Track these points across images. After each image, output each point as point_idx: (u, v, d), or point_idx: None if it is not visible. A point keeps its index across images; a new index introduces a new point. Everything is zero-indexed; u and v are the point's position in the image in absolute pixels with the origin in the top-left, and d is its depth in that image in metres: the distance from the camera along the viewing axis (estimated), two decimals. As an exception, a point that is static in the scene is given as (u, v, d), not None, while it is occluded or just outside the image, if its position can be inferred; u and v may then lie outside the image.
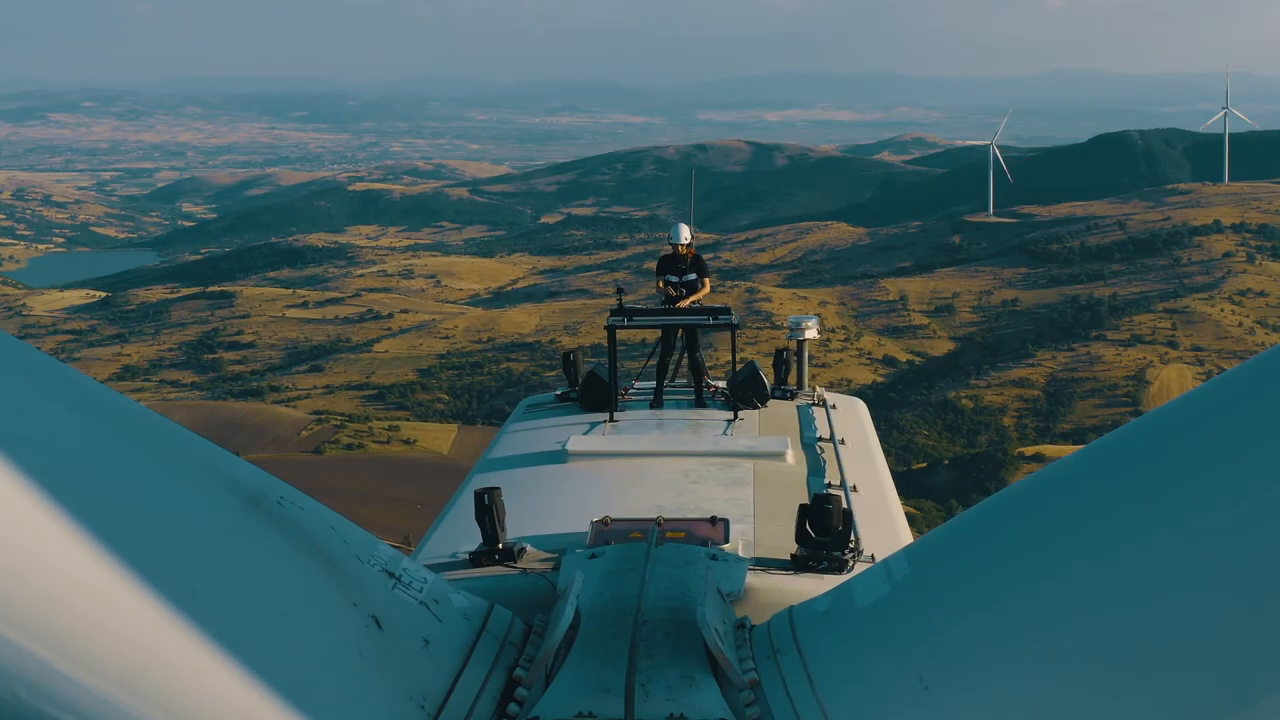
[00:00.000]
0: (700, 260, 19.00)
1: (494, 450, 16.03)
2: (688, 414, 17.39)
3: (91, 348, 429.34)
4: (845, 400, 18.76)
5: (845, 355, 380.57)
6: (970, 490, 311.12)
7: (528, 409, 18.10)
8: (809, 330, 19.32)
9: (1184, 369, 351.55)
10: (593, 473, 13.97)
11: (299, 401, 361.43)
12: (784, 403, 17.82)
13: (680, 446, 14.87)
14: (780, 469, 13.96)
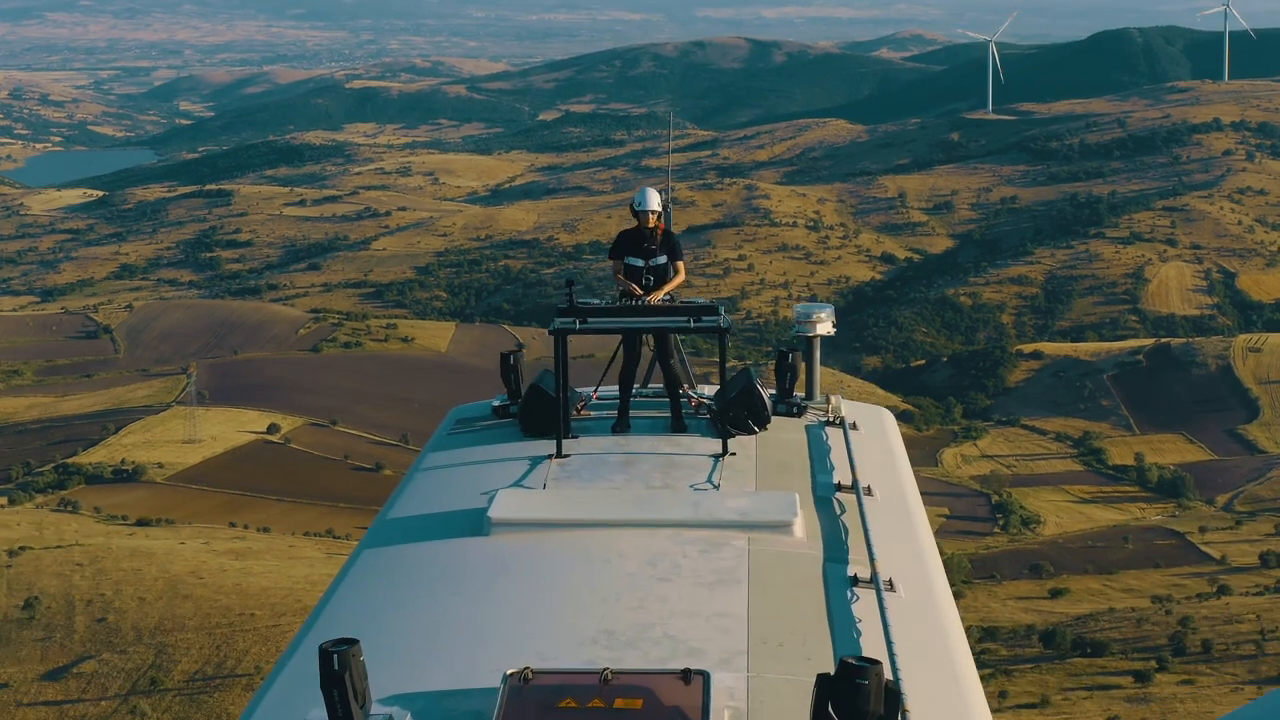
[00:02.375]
0: (672, 238, 15.16)
1: (400, 501, 12.70)
2: (661, 443, 13.58)
3: (89, 246, 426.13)
4: (867, 412, 15.43)
5: (844, 253, 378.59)
6: (969, 387, 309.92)
7: (456, 425, 14.67)
8: (821, 324, 15.70)
9: (1183, 267, 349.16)
10: (521, 556, 10.55)
11: (296, 300, 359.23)
12: (790, 421, 14.51)
13: (647, 512, 11.12)
14: (786, 549, 10.67)
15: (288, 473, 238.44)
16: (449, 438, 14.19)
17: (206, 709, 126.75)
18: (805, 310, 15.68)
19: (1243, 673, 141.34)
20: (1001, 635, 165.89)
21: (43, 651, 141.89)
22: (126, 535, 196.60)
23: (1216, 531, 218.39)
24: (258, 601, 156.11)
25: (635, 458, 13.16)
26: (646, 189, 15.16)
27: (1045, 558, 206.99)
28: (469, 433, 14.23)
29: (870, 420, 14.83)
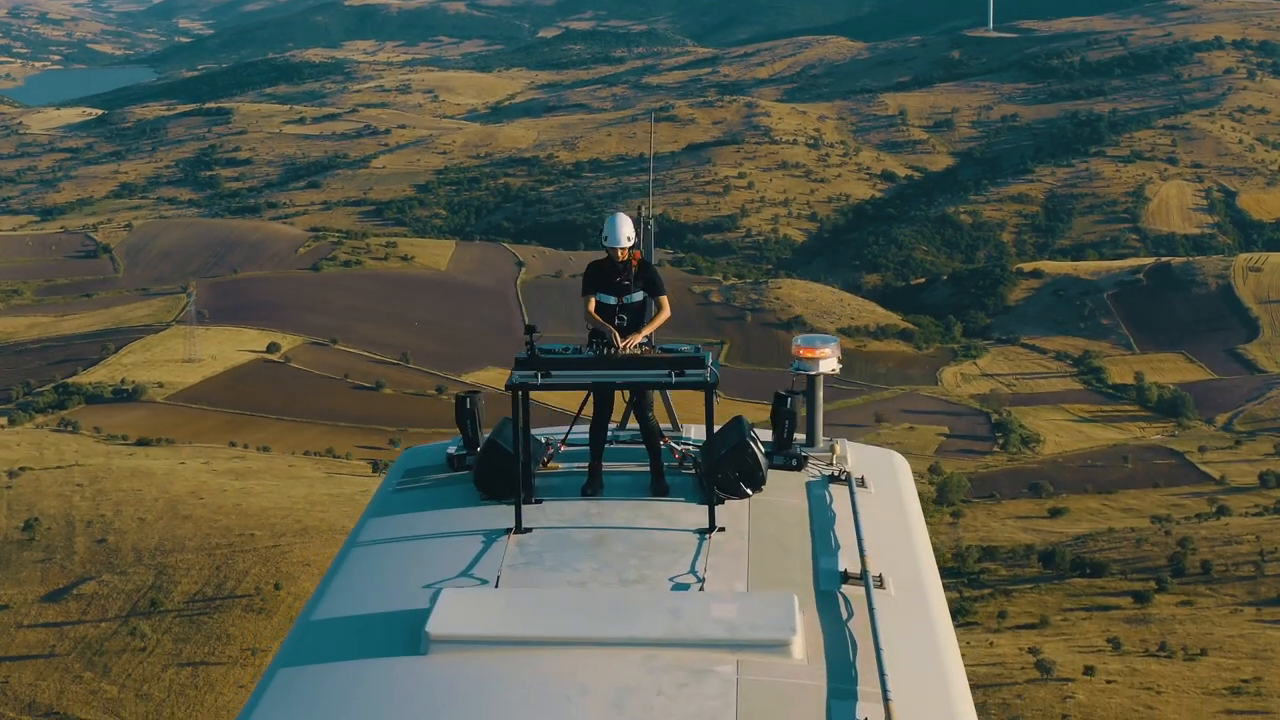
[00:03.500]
0: (650, 270, 13.01)
1: (330, 591, 10.74)
2: (639, 513, 11.52)
3: (88, 165, 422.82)
4: (876, 460, 13.38)
5: (844, 170, 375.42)
6: (969, 306, 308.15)
7: (406, 476, 12.73)
8: (825, 360, 13.32)
9: (1183, 186, 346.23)
10: (463, 686, 8.84)
11: (296, 218, 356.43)
12: (789, 476, 12.40)
13: (617, 626, 9.24)
14: (782, 679, 8.91)
15: (287, 392, 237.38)
16: (396, 495, 12.24)
17: (206, 630, 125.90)
18: (806, 344, 13.36)
19: (1242, 594, 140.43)
20: (1001, 555, 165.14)
21: (43, 573, 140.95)
22: (126, 455, 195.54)
23: (1216, 451, 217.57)
24: (257, 522, 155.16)
25: (607, 535, 11.03)
26: (616, 218, 12.82)
27: (1044, 477, 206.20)
28: (419, 489, 12.27)
29: (879, 470, 12.86)
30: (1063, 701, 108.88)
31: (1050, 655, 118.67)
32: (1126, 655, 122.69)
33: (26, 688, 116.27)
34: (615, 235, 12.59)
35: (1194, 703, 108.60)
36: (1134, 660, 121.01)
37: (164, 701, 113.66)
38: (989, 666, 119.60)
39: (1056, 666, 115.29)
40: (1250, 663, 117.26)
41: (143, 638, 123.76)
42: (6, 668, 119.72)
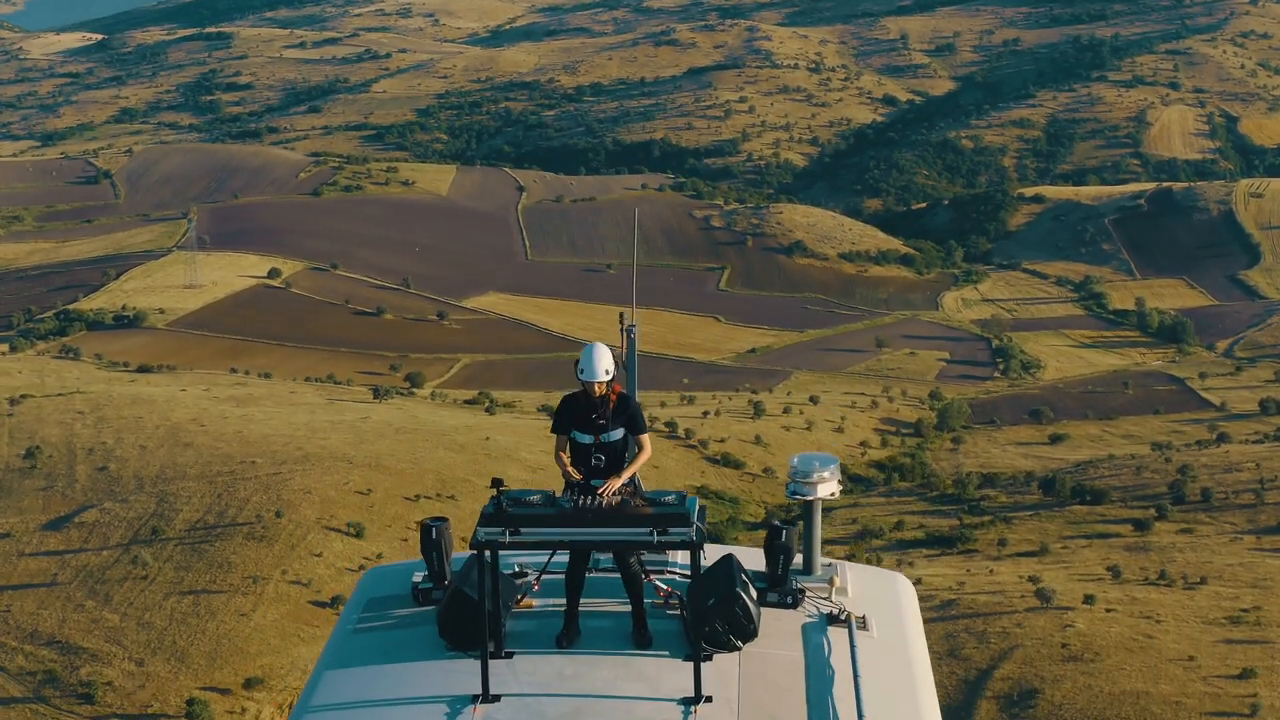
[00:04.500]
0: (630, 405, 11.88)
1: None
2: (619, 674, 10.39)
3: (89, 90, 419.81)
4: (878, 587, 12.27)
5: (845, 95, 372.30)
6: (969, 230, 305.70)
7: (368, 610, 11.61)
8: (824, 484, 12.18)
9: (1185, 111, 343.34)
10: None
11: (297, 143, 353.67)
12: (783, 617, 11.25)
13: None
14: None
15: (289, 317, 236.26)
16: (356, 638, 11.03)
17: (208, 558, 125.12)
18: (804, 466, 12.03)
19: (1242, 522, 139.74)
20: (1001, 482, 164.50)
21: (44, 501, 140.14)
22: (128, 382, 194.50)
23: (1216, 378, 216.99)
24: (258, 449, 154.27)
25: (583, 706, 9.89)
26: (594, 350, 11.71)
27: (1045, 403, 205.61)
28: (381, 630, 11.10)
29: (881, 602, 11.77)
30: (1062, 630, 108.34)
31: (1050, 583, 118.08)
32: (1126, 584, 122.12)
33: (28, 616, 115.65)
34: (592, 369, 11.46)
35: (1193, 631, 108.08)
36: (1133, 589, 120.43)
37: (165, 630, 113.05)
38: (989, 595, 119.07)
39: (1056, 595, 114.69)
40: (1250, 592, 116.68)
41: (144, 566, 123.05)
42: (8, 596, 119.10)
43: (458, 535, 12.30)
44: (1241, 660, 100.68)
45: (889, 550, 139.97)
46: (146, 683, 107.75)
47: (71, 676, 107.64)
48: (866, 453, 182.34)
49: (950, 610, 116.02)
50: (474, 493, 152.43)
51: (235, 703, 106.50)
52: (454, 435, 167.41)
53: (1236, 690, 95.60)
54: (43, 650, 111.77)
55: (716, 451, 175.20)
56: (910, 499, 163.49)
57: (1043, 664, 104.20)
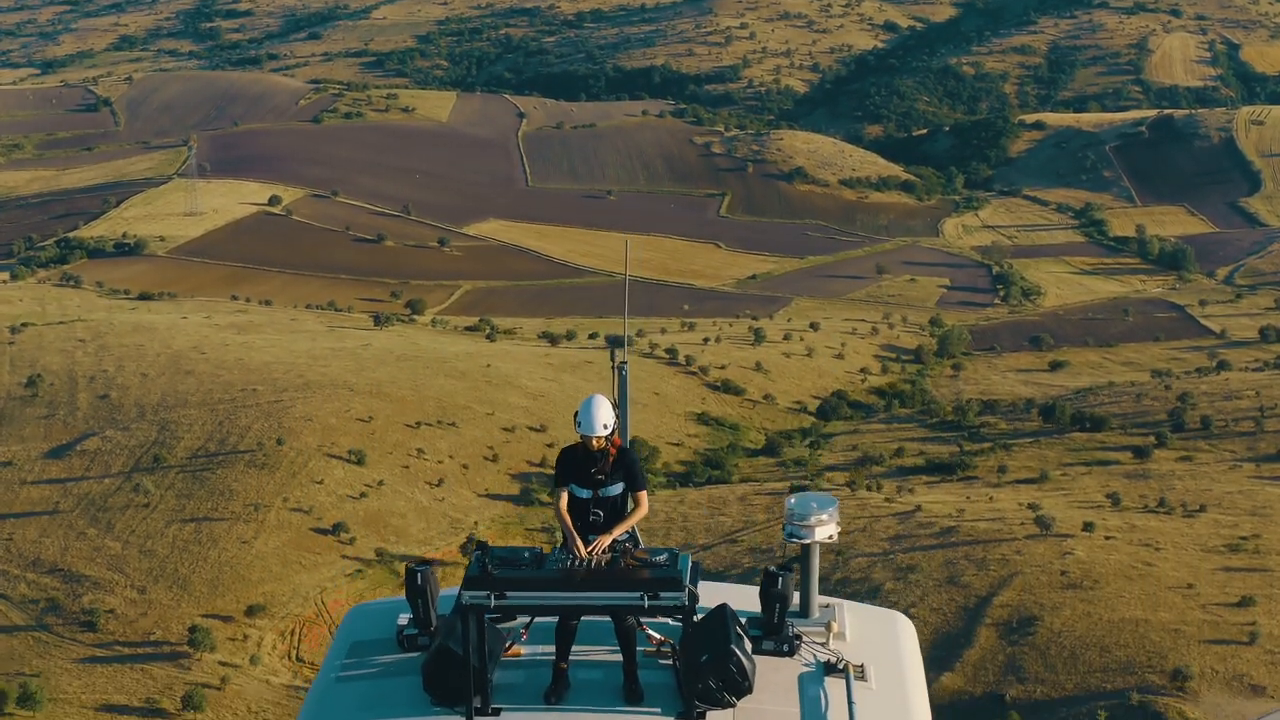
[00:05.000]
0: (629, 458, 11.34)
1: None
2: None
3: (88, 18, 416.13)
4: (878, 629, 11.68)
5: (846, 21, 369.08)
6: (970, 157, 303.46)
7: (350, 656, 11.10)
8: (822, 527, 11.51)
9: (1186, 38, 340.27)
10: None
11: (297, 70, 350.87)
12: (779, 666, 10.70)
13: None
14: None
15: (289, 244, 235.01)
16: (339, 688, 10.55)
17: (209, 486, 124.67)
18: (801, 509, 11.34)
19: (1241, 450, 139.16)
20: (1001, 408, 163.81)
21: (46, 429, 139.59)
22: (129, 310, 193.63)
23: (1216, 305, 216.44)
24: (260, 376, 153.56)
25: None
26: (592, 403, 11.14)
27: (1045, 330, 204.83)
28: (364, 679, 10.59)
29: (880, 645, 11.22)
30: (1062, 557, 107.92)
31: (1050, 511, 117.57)
32: (1126, 511, 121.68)
33: (30, 545, 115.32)
34: (590, 423, 10.99)
35: (1192, 559, 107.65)
36: (1133, 516, 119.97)
37: (167, 558, 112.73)
38: (989, 522, 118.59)
39: (1056, 522, 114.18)
40: (1249, 520, 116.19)
41: (146, 494, 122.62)
42: (11, 525, 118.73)
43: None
44: (1240, 588, 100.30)
45: (889, 476, 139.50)
46: (149, 610, 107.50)
47: (74, 604, 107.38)
48: (867, 379, 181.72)
49: (950, 538, 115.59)
50: (475, 419, 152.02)
51: (237, 629, 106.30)
52: (455, 362, 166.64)
53: (1235, 618, 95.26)
54: (45, 578, 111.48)
55: (717, 378, 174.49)
56: (910, 425, 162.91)
57: (1042, 591, 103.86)
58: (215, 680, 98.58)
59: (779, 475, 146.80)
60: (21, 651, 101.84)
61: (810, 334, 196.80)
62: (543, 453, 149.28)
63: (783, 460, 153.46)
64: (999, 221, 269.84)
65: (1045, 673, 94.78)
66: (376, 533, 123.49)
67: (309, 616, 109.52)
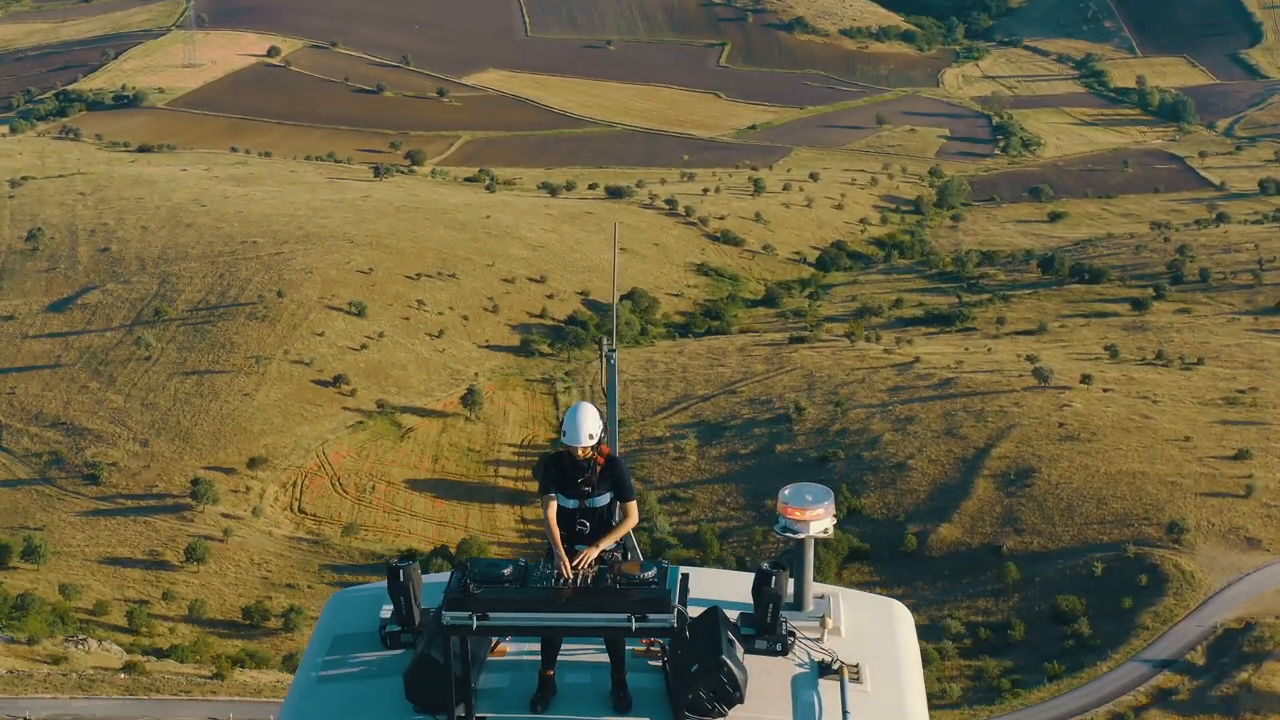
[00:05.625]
0: (616, 468, 10.50)
1: None
2: None
3: None
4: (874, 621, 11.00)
5: None
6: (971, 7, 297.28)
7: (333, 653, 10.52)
8: (818, 521, 10.77)
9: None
10: None
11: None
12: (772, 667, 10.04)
13: None
14: None
15: (288, 96, 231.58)
16: (320, 688, 10.08)
17: (210, 338, 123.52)
18: (795, 500, 10.70)
19: (1239, 302, 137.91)
20: (1000, 259, 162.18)
21: (47, 283, 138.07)
22: (128, 163, 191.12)
23: (1216, 156, 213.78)
24: (260, 229, 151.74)
25: None
26: (577, 412, 10.34)
27: (1045, 180, 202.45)
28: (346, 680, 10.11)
29: (878, 643, 10.55)
30: (1060, 409, 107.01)
31: (1048, 362, 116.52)
32: (1123, 363, 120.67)
33: (33, 398, 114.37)
34: (575, 433, 10.22)
35: (1190, 412, 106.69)
36: (1131, 369, 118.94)
37: (169, 411, 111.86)
38: (987, 373, 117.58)
39: (1054, 374, 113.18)
40: (1246, 373, 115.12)
41: (147, 347, 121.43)
42: (13, 379, 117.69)
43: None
44: (1237, 441, 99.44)
45: (888, 328, 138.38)
46: (151, 463, 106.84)
47: (77, 458, 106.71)
48: (866, 230, 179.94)
49: (948, 389, 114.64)
50: (474, 271, 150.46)
51: (239, 481, 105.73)
52: (454, 213, 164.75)
53: (1232, 471, 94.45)
54: (48, 432, 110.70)
55: (716, 229, 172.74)
56: (909, 276, 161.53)
57: (1040, 443, 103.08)
58: (218, 532, 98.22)
59: (778, 326, 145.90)
60: (25, 505, 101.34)
61: (810, 184, 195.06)
62: (543, 304, 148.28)
63: (782, 311, 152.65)
64: (999, 72, 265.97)
65: (1042, 524, 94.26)
66: (377, 384, 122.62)
67: (311, 468, 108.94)
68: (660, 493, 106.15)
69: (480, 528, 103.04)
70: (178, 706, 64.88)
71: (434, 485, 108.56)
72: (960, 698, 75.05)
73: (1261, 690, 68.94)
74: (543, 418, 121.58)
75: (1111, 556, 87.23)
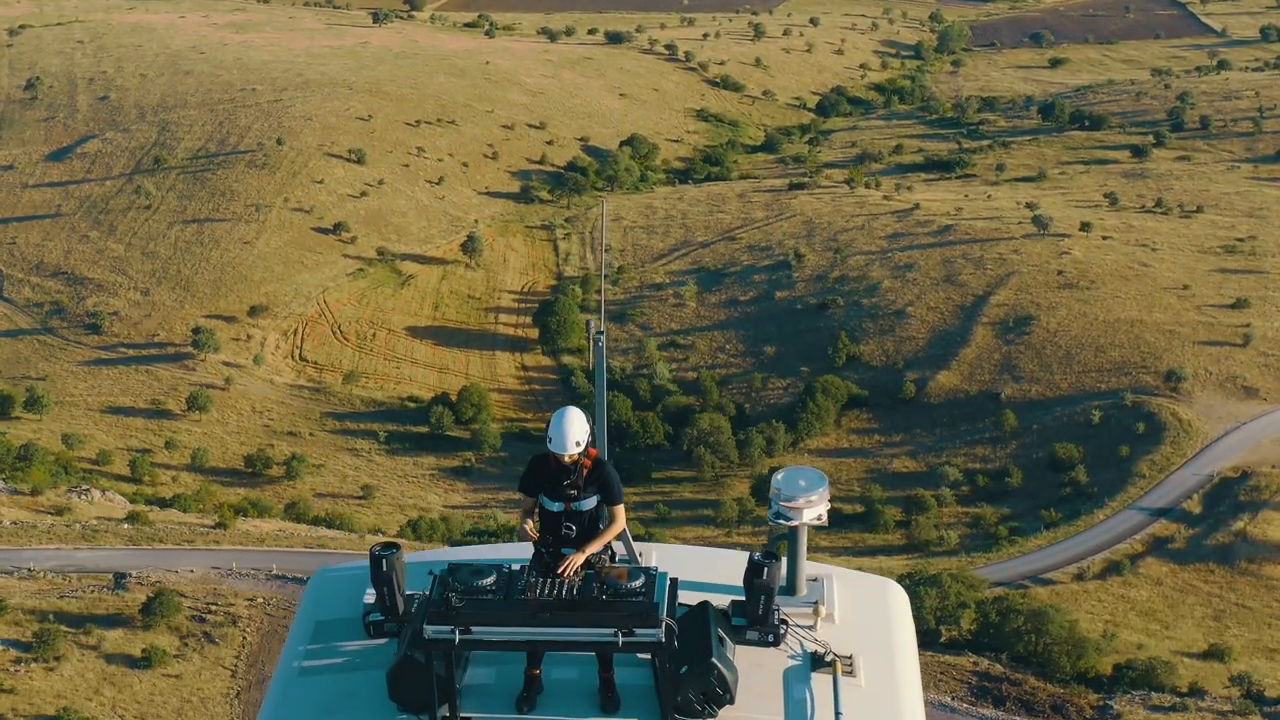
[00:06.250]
0: (605, 474, 9.79)
1: None
2: None
3: None
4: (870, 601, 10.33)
5: None
6: None
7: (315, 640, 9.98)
8: (811, 508, 10.00)
9: None
10: None
11: None
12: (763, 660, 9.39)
13: None
14: None
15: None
16: (302, 681, 9.64)
17: (210, 186, 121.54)
18: (788, 489, 9.94)
19: (1239, 150, 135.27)
20: (1000, 105, 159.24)
21: (46, 132, 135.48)
22: (126, 10, 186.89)
23: (1217, 2, 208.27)
24: (259, 76, 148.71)
25: None
26: (564, 419, 9.61)
27: (1045, 25, 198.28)
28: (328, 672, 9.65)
29: (872, 629, 9.94)
30: (1059, 257, 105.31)
31: (1047, 210, 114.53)
32: (1123, 211, 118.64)
33: (33, 248, 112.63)
34: (561, 441, 9.47)
35: (1188, 260, 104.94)
36: (1130, 216, 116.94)
37: (170, 259, 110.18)
38: (986, 220, 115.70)
39: (1053, 222, 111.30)
40: (1245, 221, 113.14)
41: (147, 196, 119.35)
42: (14, 229, 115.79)
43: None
44: (1235, 290, 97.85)
45: (888, 174, 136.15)
46: (152, 312, 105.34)
47: (78, 307, 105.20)
48: (866, 75, 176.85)
49: (948, 235, 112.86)
50: (474, 117, 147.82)
51: (240, 330, 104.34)
52: (454, 60, 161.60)
53: (1230, 320, 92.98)
54: (49, 281, 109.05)
55: (716, 74, 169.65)
56: (909, 122, 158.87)
57: (1039, 290, 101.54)
58: (219, 381, 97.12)
59: (778, 172, 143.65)
60: (27, 355, 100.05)
61: (810, 29, 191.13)
62: (542, 150, 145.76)
63: (781, 157, 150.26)
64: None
65: (1040, 372, 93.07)
66: (377, 231, 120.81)
67: (311, 316, 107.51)
68: (659, 339, 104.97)
69: (481, 374, 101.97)
70: (181, 556, 64.21)
71: (434, 332, 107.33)
72: (958, 545, 74.49)
73: (1257, 539, 68.21)
74: (543, 264, 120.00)
75: (1109, 405, 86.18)
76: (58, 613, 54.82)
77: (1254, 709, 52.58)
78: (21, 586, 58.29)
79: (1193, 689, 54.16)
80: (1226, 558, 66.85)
